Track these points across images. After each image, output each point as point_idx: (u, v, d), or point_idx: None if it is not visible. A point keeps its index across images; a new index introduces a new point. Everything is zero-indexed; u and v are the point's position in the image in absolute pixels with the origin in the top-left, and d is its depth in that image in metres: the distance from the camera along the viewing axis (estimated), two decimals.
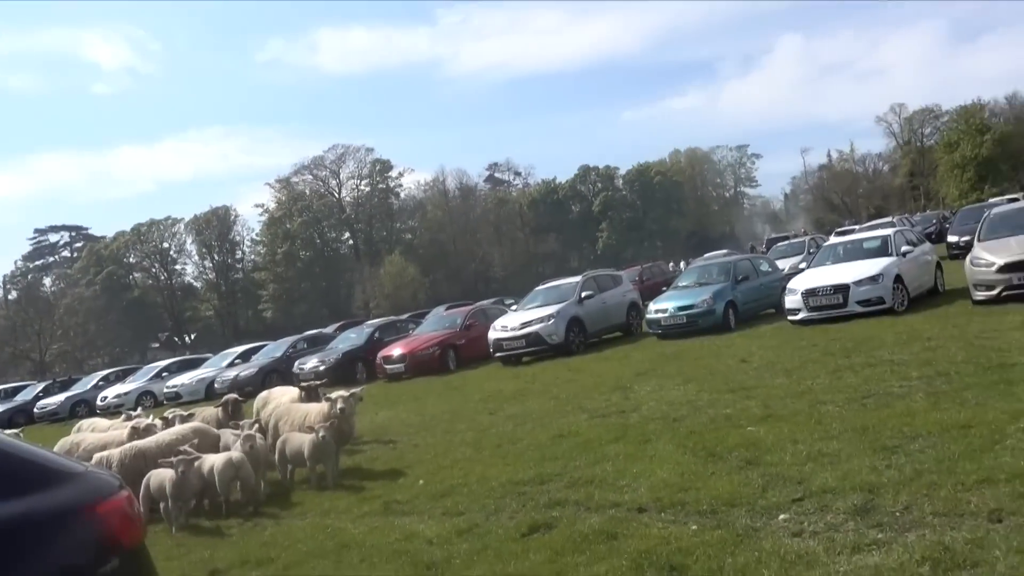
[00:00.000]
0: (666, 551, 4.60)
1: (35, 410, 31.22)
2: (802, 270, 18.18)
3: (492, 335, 18.85)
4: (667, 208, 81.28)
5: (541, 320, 18.15)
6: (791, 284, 15.40)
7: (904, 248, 15.25)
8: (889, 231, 17.10)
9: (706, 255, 36.31)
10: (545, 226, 79.46)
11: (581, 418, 9.59)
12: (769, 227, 76.52)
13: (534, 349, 18.04)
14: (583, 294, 19.00)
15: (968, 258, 13.21)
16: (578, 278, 20.52)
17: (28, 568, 2.77)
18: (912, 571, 3.80)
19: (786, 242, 31.08)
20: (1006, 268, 12.06)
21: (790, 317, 14.86)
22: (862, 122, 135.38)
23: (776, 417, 7.53)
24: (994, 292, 12.13)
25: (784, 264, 22.09)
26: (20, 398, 34.20)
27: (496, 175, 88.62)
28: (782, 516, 4.91)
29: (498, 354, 18.62)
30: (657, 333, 17.40)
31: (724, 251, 37.76)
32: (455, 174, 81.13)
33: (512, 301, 30.76)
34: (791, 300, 14.83)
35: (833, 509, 4.85)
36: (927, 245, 17.27)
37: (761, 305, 18.02)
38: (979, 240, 13.53)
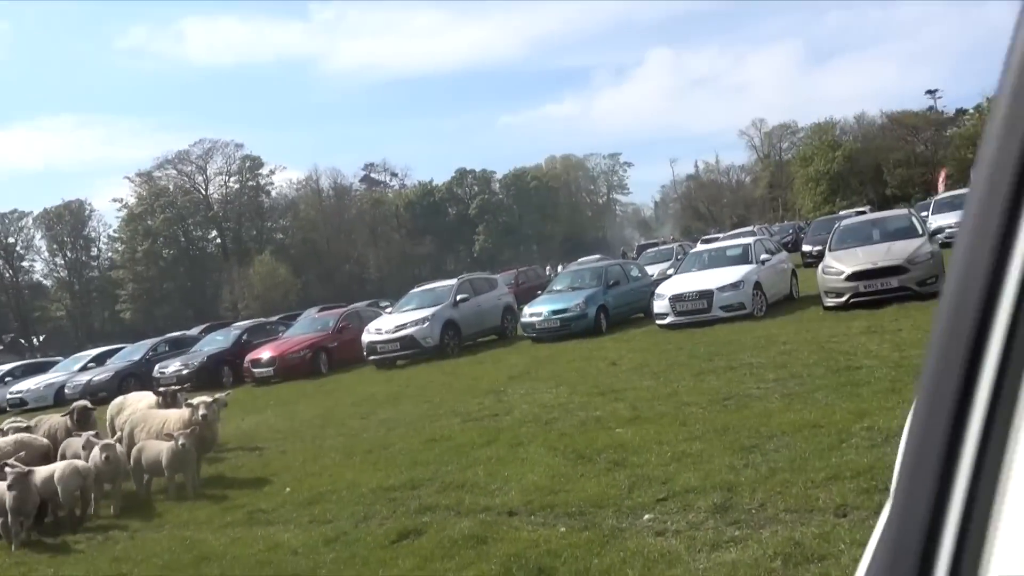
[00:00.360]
0: (535, 554, 4.64)
1: None
2: (670, 276, 18.84)
3: (366, 338, 18.57)
4: (542, 213, 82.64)
5: (416, 323, 18.02)
6: (659, 289, 15.94)
7: (763, 256, 16.07)
8: (750, 240, 17.99)
9: (579, 260, 37.14)
10: (421, 228, 79.09)
11: (454, 422, 9.57)
12: (639, 234, 79.15)
13: (409, 352, 17.89)
14: (458, 297, 19.00)
15: (820, 266, 14.09)
16: (453, 281, 20.50)
17: None
18: (766, 566, 3.98)
19: (655, 248, 32.15)
20: (853, 276, 12.93)
21: (658, 321, 15.37)
22: (727, 135, 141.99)
23: (643, 419, 7.75)
24: (843, 299, 12.98)
25: (653, 270, 22.83)
26: None
27: (372, 175, 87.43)
28: (647, 516, 5.05)
29: (372, 357, 18.35)
30: (531, 336, 17.62)
31: (597, 256, 38.73)
32: (329, 173, 79.50)
33: (387, 304, 30.42)
34: (659, 305, 15.34)
35: (695, 508, 5.03)
36: (783, 254, 18.27)
37: (631, 309, 18.54)
38: (830, 250, 14.45)
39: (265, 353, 20.17)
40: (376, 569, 4.88)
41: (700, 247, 21.60)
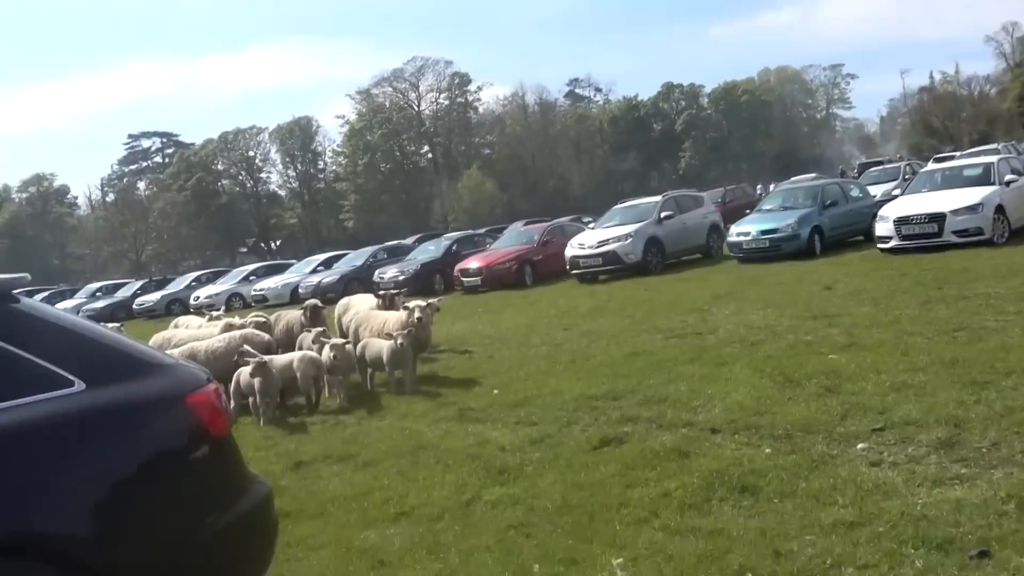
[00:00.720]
0: (738, 472, 4.60)
1: (134, 306, 32.97)
2: (895, 197, 17.40)
3: (569, 252, 18.81)
4: (753, 129, 78.39)
5: (619, 239, 17.99)
6: (883, 211, 14.81)
7: (1008, 177, 14.40)
8: (993, 158, 16.17)
9: (793, 178, 35.09)
10: (625, 144, 77.76)
11: (656, 338, 9.56)
12: (860, 151, 73.17)
13: (611, 268, 17.95)
14: (663, 214, 18.69)
15: None
16: (658, 198, 20.16)
17: (128, 448, 2.94)
18: (996, 508, 3.71)
19: (880, 167, 29.71)
20: None
21: (880, 245, 14.34)
22: (969, 42, 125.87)
23: (859, 346, 7.34)
24: None
25: (876, 190, 21.17)
26: (120, 295, 36.06)
27: (577, 91, 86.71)
28: (860, 445, 4.83)
29: (574, 271, 18.61)
30: (738, 257, 17.07)
31: (812, 175, 36.36)
32: (534, 89, 79.68)
33: (590, 219, 30.53)
34: (882, 227, 14.28)
35: (915, 441, 4.74)
36: None
37: (849, 232, 17.41)
38: None
39: (473, 263, 21.04)
40: (579, 471, 5.05)
41: (932, 166, 19.66)
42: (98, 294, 37.63)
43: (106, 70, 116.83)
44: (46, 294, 36.40)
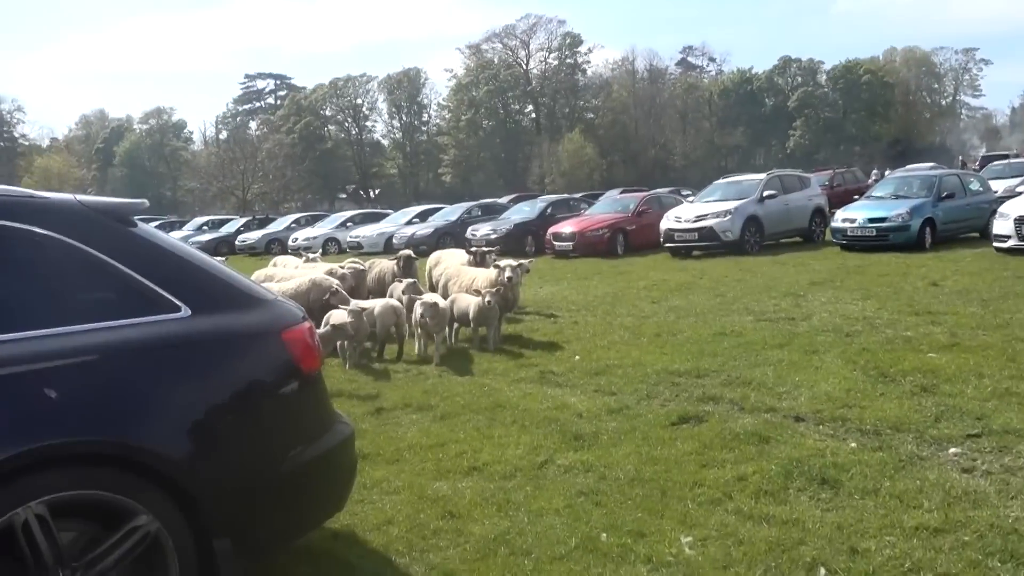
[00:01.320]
0: (819, 463, 4.49)
1: (236, 242, 34.38)
2: (1019, 194, 16.38)
3: (664, 224, 18.52)
4: (871, 111, 74.79)
5: (717, 215, 17.59)
6: (1003, 208, 13.98)
7: None
8: None
9: (909, 166, 33.49)
10: (734, 118, 75.51)
11: (746, 319, 9.36)
12: (982, 143, 68.96)
13: (706, 244, 17.61)
14: (765, 193, 18.15)
15: None
16: (762, 175, 19.60)
17: (224, 376, 3.09)
18: None
19: (1004, 161, 28.00)
20: None
21: (996, 244, 13.57)
22: None
23: (963, 347, 7.01)
24: None
25: (999, 185, 19.98)
26: (224, 230, 37.63)
27: (689, 59, 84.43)
28: (953, 450, 4.64)
29: (668, 244, 18.34)
30: (841, 243, 16.47)
31: (930, 164, 34.56)
32: (645, 54, 78.11)
33: (689, 192, 29.96)
34: (1001, 225, 13.49)
35: (1013, 452, 4.52)
36: None
37: (964, 227, 16.57)
38: None
39: (567, 228, 20.97)
40: (655, 446, 5.03)
41: None
42: (204, 228, 39.35)
43: (229, 7, 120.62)
44: (158, 223, 38.25)
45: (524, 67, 78.05)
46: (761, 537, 3.67)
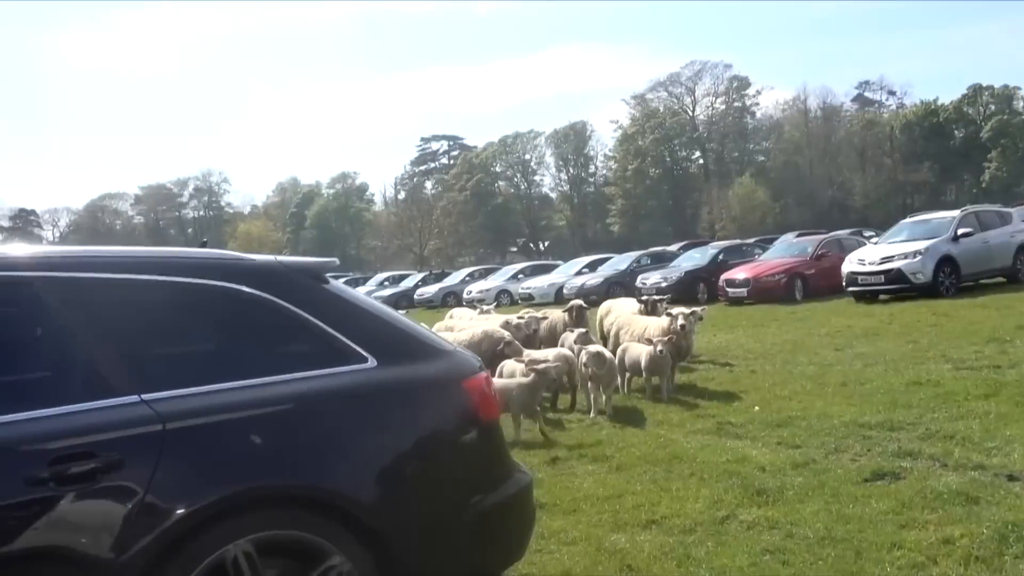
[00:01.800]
0: None
1: (415, 296, 36.04)
2: None
3: (847, 267, 17.57)
4: None
5: (906, 256, 16.48)
6: None
7: None
8: None
9: None
10: (919, 153, 70.66)
11: (944, 367, 8.65)
12: None
13: (894, 287, 16.51)
14: (960, 231, 16.83)
15: None
16: (955, 212, 18.20)
17: (408, 423, 3.22)
18: None
19: None
20: None
21: None
22: None
23: None
24: None
25: None
26: (404, 285, 39.57)
27: (866, 94, 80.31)
28: None
29: (851, 288, 17.36)
30: None
31: None
32: (818, 92, 75.04)
33: (872, 233, 28.36)
34: None
35: None
36: None
37: None
38: None
39: (740, 274, 20.38)
40: (846, 503, 4.71)
41: None
42: (385, 283, 41.52)
43: (408, 74, 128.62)
44: (345, 279, 40.82)
45: (690, 114, 77.35)
46: None
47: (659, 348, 8.37)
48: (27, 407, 2.65)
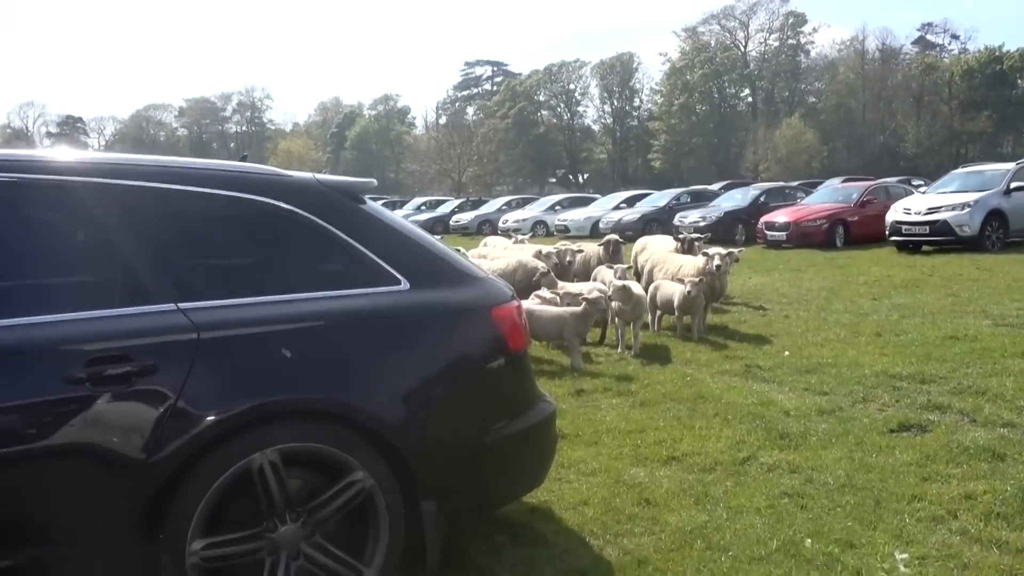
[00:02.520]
0: None
1: (451, 222, 36.08)
2: None
3: (891, 216, 17.22)
4: None
5: (954, 207, 16.08)
6: None
7: None
8: None
9: None
10: (978, 101, 67.90)
11: (982, 323, 8.50)
12: None
13: (939, 239, 16.18)
14: (1013, 184, 16.35)
15: None
16: (1011, 165, 17.63)
17: (437, 347, 3.24)
18: None
19: None
20: None
21: None
22: None
23: None
24: None
25: None
26: (440, 210, 39.59)
27: (928, 37, 77.10)
28: None
29: (894, 238, 17.03)
30: None
31: None
32: (878, 33, 72.23)
33: (920, 182, 27.75)
34: None
35: None
36: None
37: None
38: None
39: (780, 217, 20.06)
40: (870, 452, 4.70)
41: None
42: (422, 208, 41.53)
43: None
44: (382, 202, 40.90)
45: (742, 49, 75.02)
46: (991, 563, 3.33)
47: (690, 290, 8.29)
48: (67, 309, 2.72)
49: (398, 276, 3.20)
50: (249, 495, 2.82)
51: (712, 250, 9.26)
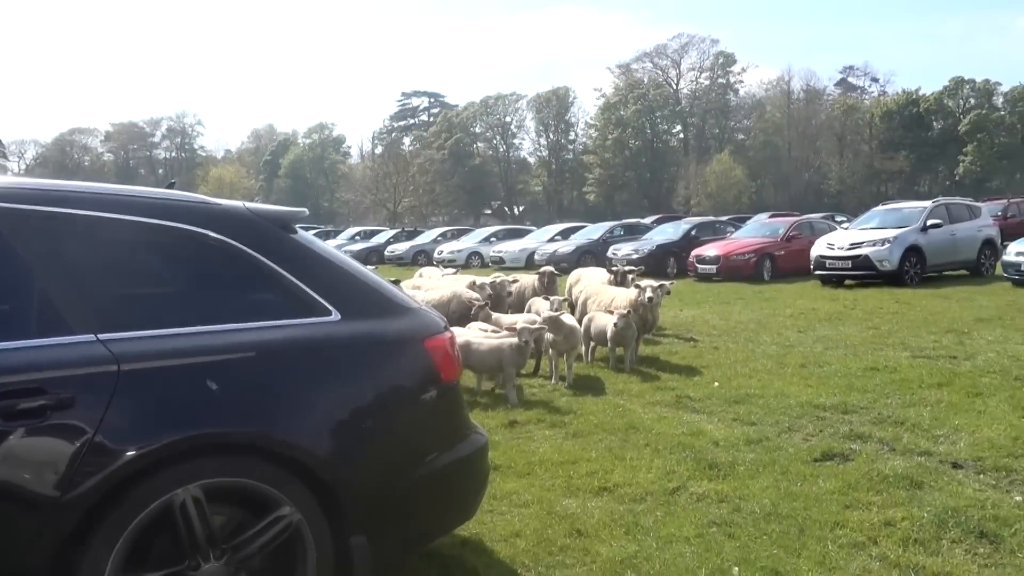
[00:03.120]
0: (978, 515, 4.15)
1: (385, 252, 35.86)
2: None
3: (816, 251, 17.80)
4: None
5: (875, 243, 16.72)
6: None
7: None
8: None
9: None
10: (896, 142, 71.15)
11: (901, 355, 8.82)
12: None
13: (860, 273, 16.76)
14: (929, 222, 17.10)
15: None
16: (927, 203, 18.47)
17: (368, 379, 3.20)
18: None
19: None
20: None
21: None
22: None
23: None
24: None
25: None
26: (375, 240, 39.33)
27: (850, 79, 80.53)
28: None
29: (818, 272, 17.60)
30: (1013, 279, 15.22)
31: None
32: (802, 74, 75.29)
33: (843, 219, 28.72)
34: None
35: None
36: None
37: None
38: None
39: (711, 251, 20.53)
40: (795, 481, 4.81)
41: None
42: (356, 237, 41.25)
43: (388, 25, 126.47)
44: (315, 231, 40.45)
45: (674, 87, 77.18)
46: None
47: (617, 322, 8.37)
48: None
49: (329, 307, 3.16)
50: (171, 532, 2.73)
51: (644, 283, 9.43)
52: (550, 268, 11.69)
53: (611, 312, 8.81)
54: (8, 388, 2.54)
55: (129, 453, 2.63)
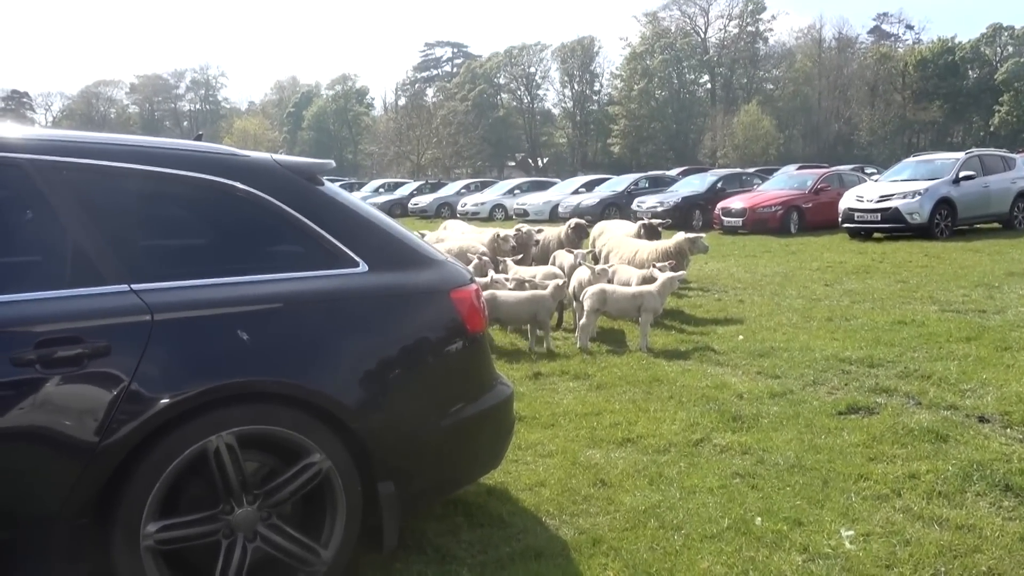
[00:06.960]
0: (1004, 469, 4.15)
1: (409, 205, 35.82)
2: None
3: (844, 203, 17.54)
4: None
5: (905, 195, 16.45)
6: None
7: None
8: None
9: None
10: (930, 91, 69.38)
11: (930, 308, 8.74)
12: None
13: (889, 226, 16.53)
14: (961, 173, 16.76)
15: None
16: (959, 154, 18.07)
17: (395, 330, 3.24)
18: None
19: None
20: None
21: None
22: None
23: None
24: None
25: None
26: (399, 193, 39.30)
27: (883, 27, 78.58)
28: None
29: (847, 225, 17.37)
30: None
31: None
32: (835, 22, 74.27)
33: (873, 171, 28.28)
34: None
35: None
36: None
37: None
38: None
39: (737, 203, 20.31)
40: (819, 434, 4.82)
41: None
42: (380, 190, 41.20)
43: None
44: (340, 183, 40.43)
45: (702, 35, 75.65)
46: (931, 540, 3.46)
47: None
48: (16, 290, 2.66)
49: (356, 258, 3.18)
50: (205, 477, 2.81)
51: (677, 235, 9.33)
52: (580, 220, 11.57)
53: (638, 265, 8.77)
54: (45, 336, 2.60)
55: (164, 401, 2.69)
